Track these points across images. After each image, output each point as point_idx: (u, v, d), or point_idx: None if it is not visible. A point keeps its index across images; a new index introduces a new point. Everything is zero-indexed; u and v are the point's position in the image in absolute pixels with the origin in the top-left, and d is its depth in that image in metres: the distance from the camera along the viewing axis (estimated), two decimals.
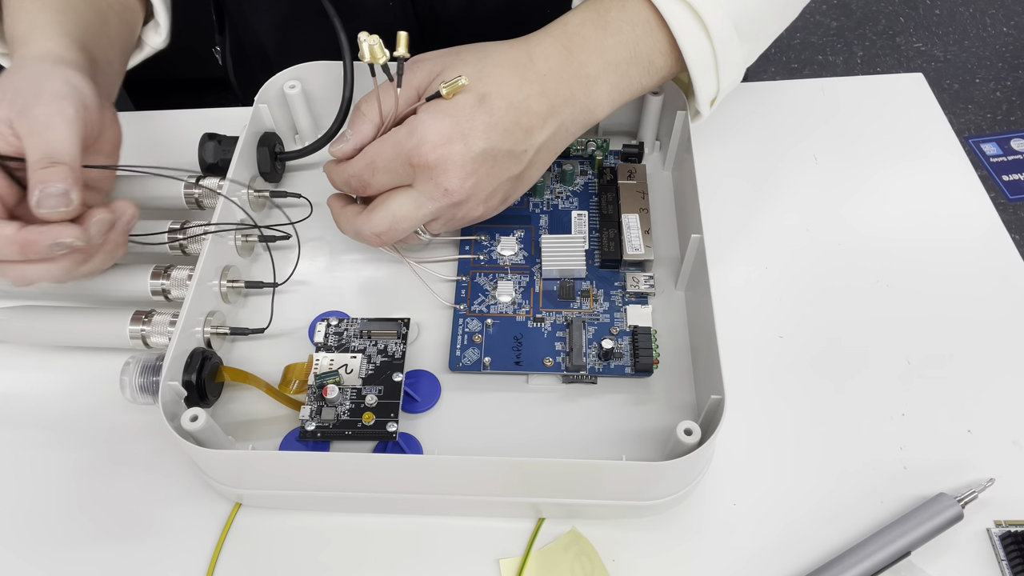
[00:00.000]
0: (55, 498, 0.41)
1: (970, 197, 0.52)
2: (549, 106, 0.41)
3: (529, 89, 0.41)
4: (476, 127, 0.39)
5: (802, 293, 0.47)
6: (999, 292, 0.47)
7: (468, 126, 0.39)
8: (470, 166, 0.40)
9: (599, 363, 0.42)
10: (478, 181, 0.40)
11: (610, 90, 0.43)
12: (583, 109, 0.43)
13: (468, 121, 0.39)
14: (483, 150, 0.40)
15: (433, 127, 0.39)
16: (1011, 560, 0.38)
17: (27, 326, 0.44)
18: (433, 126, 0.39)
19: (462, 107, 0.40)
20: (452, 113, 0.40)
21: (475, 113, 0.40)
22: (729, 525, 0.39)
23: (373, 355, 0.42)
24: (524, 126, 0.41)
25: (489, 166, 0.40)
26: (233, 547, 0.39)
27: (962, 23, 1.76)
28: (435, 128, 0.39)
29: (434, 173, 0.40)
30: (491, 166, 0.40)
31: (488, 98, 0.40)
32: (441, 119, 0.39)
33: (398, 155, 0.40)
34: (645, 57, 0.43)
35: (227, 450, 0.38)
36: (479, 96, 0.40)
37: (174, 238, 0.46)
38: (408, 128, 0.40)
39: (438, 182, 0.40)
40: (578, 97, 0.42)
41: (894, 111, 0.57)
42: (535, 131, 0.41)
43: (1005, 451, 0.41)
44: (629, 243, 0.46)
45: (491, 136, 0.40)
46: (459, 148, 0.39)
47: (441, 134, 0.39)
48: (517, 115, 0.40)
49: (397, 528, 0.39)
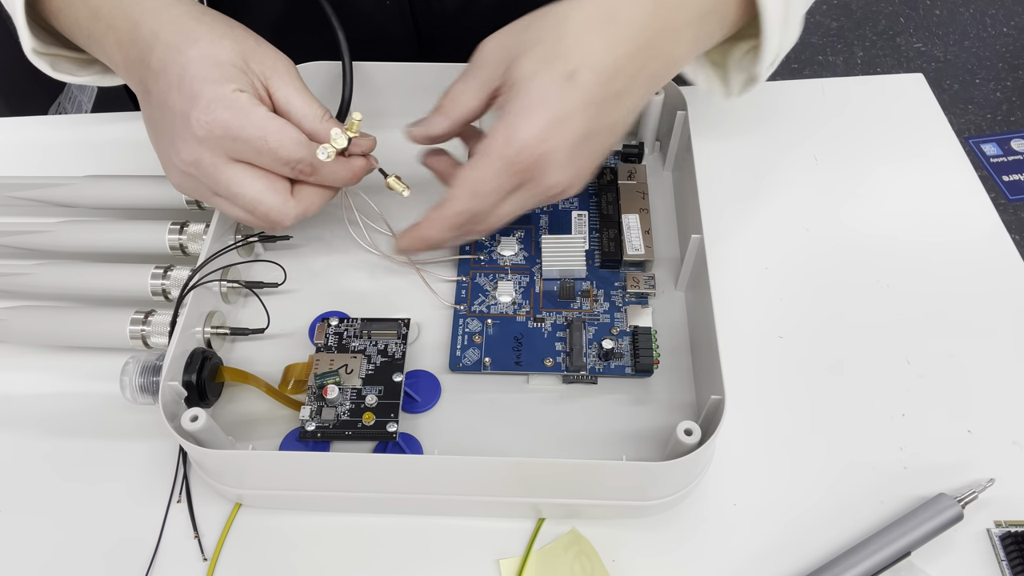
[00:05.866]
0: (55, 498, 0.41)
1: (970, 197, 0.52)
2: (639, 65, 0.38)
3: (617, 52, 0.37)
4: (572, 110, 0.37)
5: (802, 293, 0.47)
6: (999, 292, 0.47)
7: (563, 112, 0.37)
8: (571, 155, 0.38)
9: (599, 363, 0.42)
10: (579, 165, 0.38)
11: (692, 43, 0.40)
12: (668, 63, 0.40)
13: (561, 106, 0.36)
14: (583, 134, 0.37)
15: (528, 126, 0.37)
16: (1011, 560, 0.38)
17: (27, 326, 0.44)
18: (528, 125, 0.37)
19: (551, 92, 0.37)
20: (542, 102, 0.37)
21: (566, 94, 0.36)
22: (729, 525, 0.39)
23: (373, 355, 0.42)
24: (617, 92, 0.38)
25: (589, 147, 0.38)
26: (233, 547, 0.39)
27: (962, 23, 1.76)
28: (531, 126, 0.36)
29: (536, 172, 0.38)
30: (591, 145, 0.38)
31: (577, 74, 0.36)
32: (534, 113, 0.37)
33: (502, 169, 0.37)
34: (723, 8, 0.41)
35: (227, 450, 0.38)
36: (567, 73, 0.36)
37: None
38: (503, 136, 0.37)
39: (541, 180, 0.38)
40: (665, 51, 0.39)
41: (894, 111, 0.57)
42: (627, 95, 0.39)
43: (1005, 451, 0.41)
44: (629, 243, 0.46)
45: (588, 114, 0.37)
46: (558, 141, 0.37)
47: (539, 130, 0.36)
48: (609, 84, 0.37)
49: (397, 528, 0.39)
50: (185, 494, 0.40)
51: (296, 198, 0.41)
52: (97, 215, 0.49)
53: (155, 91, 0.39)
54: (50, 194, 0.48)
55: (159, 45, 0.39)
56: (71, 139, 0.56)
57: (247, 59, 0.40)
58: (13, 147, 0.56)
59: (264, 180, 0.40)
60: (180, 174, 0.40)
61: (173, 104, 0.38)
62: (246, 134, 0.38)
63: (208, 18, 0.40)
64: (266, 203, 0.40)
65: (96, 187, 0.48)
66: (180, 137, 0.38)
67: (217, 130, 0.38)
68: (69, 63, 0.48)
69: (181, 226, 0.46)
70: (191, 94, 0.38)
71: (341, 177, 0.42)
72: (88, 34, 0.43)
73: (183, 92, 0.38)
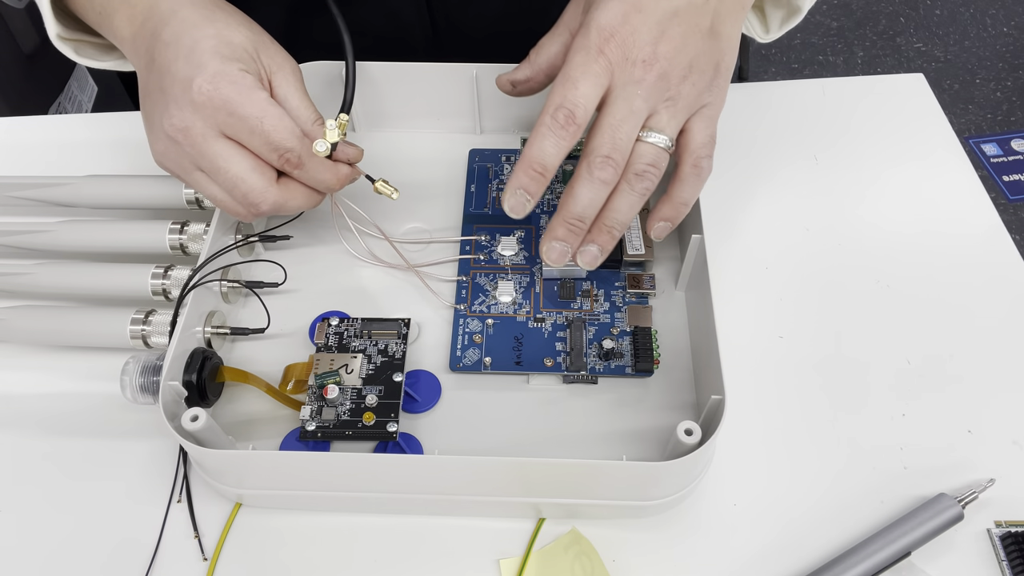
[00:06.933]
0: (55, 498, 0.41)
1: (970, 197, 0.52)
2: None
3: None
4: (649, 1, 0.37)
5: (802, 293, 0.47)
6: (999, 292, 0.47)
7: (641, 2, 0.37)
8: (656, 28, 0.37)
9: (599, 363, 0.42)
10: (672, 43, 0.37)
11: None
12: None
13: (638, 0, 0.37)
14: (663, 10, 0.37)
15: (605, 12, 0.37)
16: (1011, 560, 0.38)
17: (27, 326, 0.44)
18: (605, 11, 0.37)
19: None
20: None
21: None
22: (729, 525, 0.39)
23: (373, 355, 0.42)
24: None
25: (676, 24, 0.37)
26: (233, 547, 0.39)
27: (962, 23, 1.76)
28: (609, 11, 0.37)
29: (626, 50, 0.37)
30: (677, 23, 0.37)
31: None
32: (612, 3, 0.37)
33: (585, 48, 0.37)
34: None
35: (227, 450, 0.38)
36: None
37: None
38: (583, 28, 0.37)
39: (632, 58, 0.37)
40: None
41: (894, 111, 0.57)
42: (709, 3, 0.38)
43: (1005, 451, 0.41)
44: (629, 243, 0.46)
45: (670, 3, 0.37)
46: (638, 17, 0.37)
47: (616, 13, 0.37)
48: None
49: (397, 528, 0.39)
50: (185, 494, 0.40)
51: (278, 186, 0.41)
52: (97, 215, 0.49)
53: (160, 59, 0.39)
54: (50, 194, 0.48)
55: (175, 20, 0.40)
56: (71, 139, 0.56)
57: (258, 50, 0.41)
58: (13, 147, 0.56)
59: (250, 160, 0.40)
60: (166, 140, 0.40)
61: (177, 70, 0.39)
62: (244, 111, 0.38)
63: (228, 8, 0.42)
64: (249, 182, 0.40)
65: (96, 187, 0.48)
66: (176, 102, 0.39)
67: (216, 100, 0.38)
68: (92, 48, 0.49)
69: (181, 226, 0.46)
70: (198, 63, 0.38)
71: (325, 179, 0.42)
72: (100, 10, 0.43)
73: (191, 61, 0.38)
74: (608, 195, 0.38)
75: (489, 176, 0.52)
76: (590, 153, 0.38)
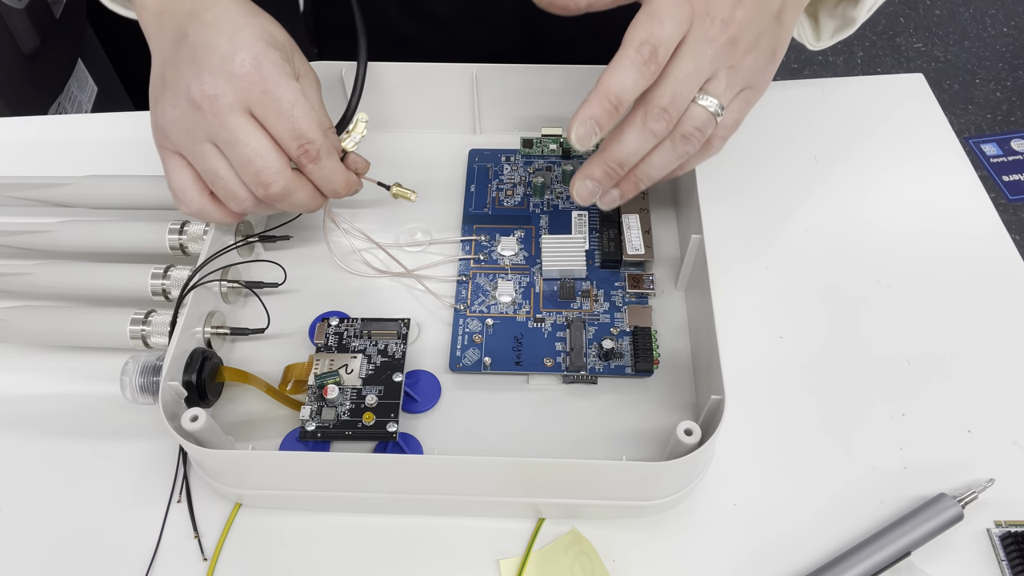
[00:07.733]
0: (55, 498, 0.41)
1: (970, 197, 0.52)
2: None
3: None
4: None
5: (802, 293, 0.47)
6: (999, 292, 0.47)
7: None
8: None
9: (599, 363, 0.42)
10: (747, 11, 0.37)
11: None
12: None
13: None
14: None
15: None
16: (1011, 560, 0.38)
17: (27, 326, 0.44)
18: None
19: None
20: None
21: None
22: (729, 525, 0.39)
23: (373, 355, 0.42)
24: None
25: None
26: (233, 547, 0.39)
27: (962, 23, 1.76)
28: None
29: (709, 5, 0.36)
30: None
31: None
32: None
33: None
34: None
35: (227, 450, 0.38)
36: None
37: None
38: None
39: (712, 15, 0.36)
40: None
41: (894, 111, 0.57)
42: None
43: (1005, 451, 0.41)
44: (629, 243, 0.46)
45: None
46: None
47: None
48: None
49: (397, 528, 0.39)
50: (185, 494, 0.40)
51: (292, 173, 0.41)
52: (97, 215, 0.49)
53: (197, 35, 0.40)
54: (50, 194, 0.48)
55: (218, 6, 0.40)
56: (71, 139, 0.56)
57: (292, 52, 0.42)
58: (13, 147, 0.56)
59: (270, 141, 0.40)
60: (187, 105, 0.39)
61: (218, 44, 0.39)
62: (279, 92, 0.39)
63: (267, 13, 0.43)
64: (266, 159, 0.40)
65: (96, 187, 0.48)
66: (211, 70, 0.39)
67: (255, 76, 0.39)
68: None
69: (181, 226, 0.46)
70: (243, 42, 0.39)
71: (336, 180, 0.42)
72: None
73: (234, 40, 0.39)
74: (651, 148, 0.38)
75: (489, 176, 0.52)
76: (648, 102, 0.37)
